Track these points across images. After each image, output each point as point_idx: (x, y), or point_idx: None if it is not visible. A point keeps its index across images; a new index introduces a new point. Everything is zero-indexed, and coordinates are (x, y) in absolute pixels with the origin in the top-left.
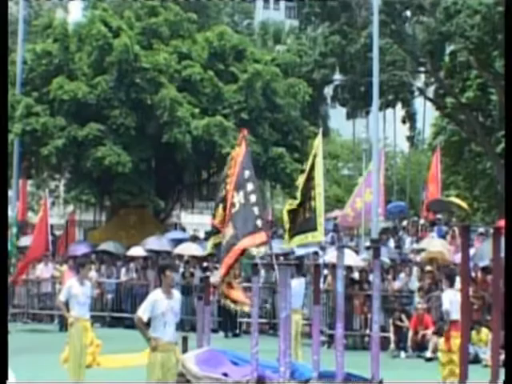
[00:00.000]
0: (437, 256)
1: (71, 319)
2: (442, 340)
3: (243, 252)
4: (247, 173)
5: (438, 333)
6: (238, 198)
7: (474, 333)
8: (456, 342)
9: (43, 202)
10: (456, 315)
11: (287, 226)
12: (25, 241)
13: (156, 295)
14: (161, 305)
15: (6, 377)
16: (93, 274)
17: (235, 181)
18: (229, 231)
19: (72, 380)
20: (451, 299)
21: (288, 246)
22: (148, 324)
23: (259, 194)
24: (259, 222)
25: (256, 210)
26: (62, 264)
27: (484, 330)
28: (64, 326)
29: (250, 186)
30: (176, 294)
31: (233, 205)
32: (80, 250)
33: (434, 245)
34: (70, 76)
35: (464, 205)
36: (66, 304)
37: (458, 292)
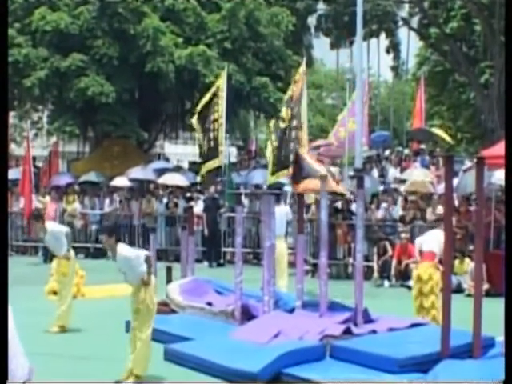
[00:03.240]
0: (419, 188)
1: None
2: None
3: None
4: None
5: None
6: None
7: (457, 262)
8: (427, 271)
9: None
10: (428, 246)
11: (271, 162)
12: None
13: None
14: None
15: (5, 377)
16: (76, 205)
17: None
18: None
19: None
20: (437, 234)
21: (274, 180)
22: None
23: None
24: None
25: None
26: (44, 195)
27: (466, 260)
28: (48, 258)
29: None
30: (118, 253)
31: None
32: (63, 180)
33: (417, 175)
34: (53, 6)
35: (447, 137)
36: None
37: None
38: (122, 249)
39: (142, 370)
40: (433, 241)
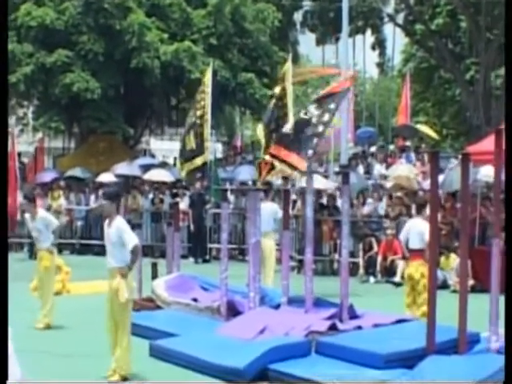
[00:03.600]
0: (403, 183)
1: None
2: (406, 269)
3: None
4: (333, 105)
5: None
6: (315, 112)
7: (443, 258)
8: (418, 270)
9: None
10: (415, 244)
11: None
12: None
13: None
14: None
15: (5, 377)
16: (62, 201)
17: (324, 97)
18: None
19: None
20: (420, 229)
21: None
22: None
23: (327, 129)
24: (310, 152)
25: (315, 140)
26: None
27: (452, 256)
28: (33, 254)
29: (327, 117)
30: (114, 222)
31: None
32: (49, 177)
33: (402, 169)
34: (38, 2)
35: (432, 133)
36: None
37: (423, 220)
38: (121, 221)
39: (125, 371)
40: (417, 236)
